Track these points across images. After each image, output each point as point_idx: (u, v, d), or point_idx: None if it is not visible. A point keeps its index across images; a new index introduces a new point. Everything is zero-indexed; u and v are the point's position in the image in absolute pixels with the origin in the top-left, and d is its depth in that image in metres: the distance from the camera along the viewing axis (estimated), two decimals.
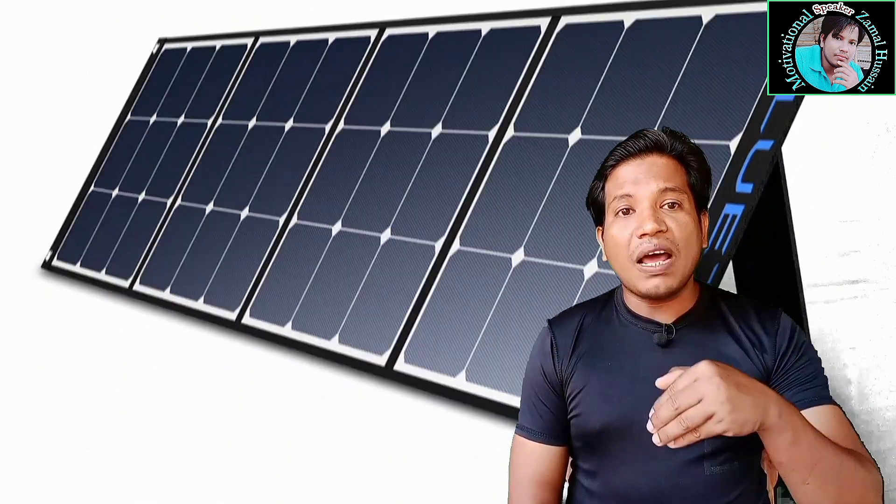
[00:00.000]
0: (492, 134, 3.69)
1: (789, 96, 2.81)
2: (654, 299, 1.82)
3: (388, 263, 3.80)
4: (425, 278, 3.61)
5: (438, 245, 3.64)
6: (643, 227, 1.77)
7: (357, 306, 3.80)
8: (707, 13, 3.23)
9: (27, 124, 7.22)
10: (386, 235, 3.86)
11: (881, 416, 3.53)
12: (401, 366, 3.51)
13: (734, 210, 2.76)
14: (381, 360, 3.58)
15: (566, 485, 2.00)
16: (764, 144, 2.82)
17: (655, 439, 1.47)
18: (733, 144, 2.89)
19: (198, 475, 3.24)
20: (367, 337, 3.69)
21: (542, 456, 1.95)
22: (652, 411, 1.48)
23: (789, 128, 2.80)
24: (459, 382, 3.29)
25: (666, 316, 1.85)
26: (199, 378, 3.91)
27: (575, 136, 3.41)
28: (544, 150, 3.47)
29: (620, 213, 1.83)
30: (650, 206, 1.79)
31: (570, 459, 1.99)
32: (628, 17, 3.48)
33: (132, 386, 3.85)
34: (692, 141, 1.92)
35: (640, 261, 1.78)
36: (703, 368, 1.46)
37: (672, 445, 1.46)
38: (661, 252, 1.76)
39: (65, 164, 6.50)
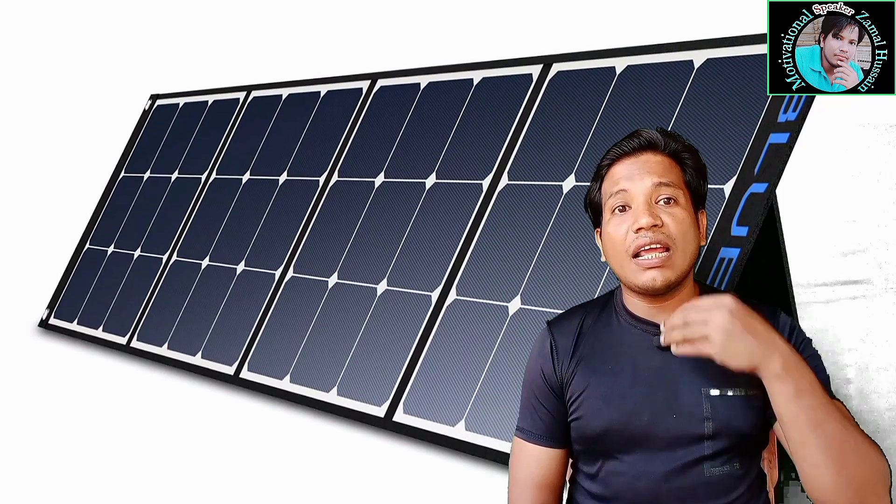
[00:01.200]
0: (486, 183, 3.70)
1: (783, 137, 2.82)
2: (652, 295, 1.81)
3: (385, 314, 3.79)
4: (423, 328, 3.60)
5: (435, 295, 3.64)
6: (638, 221, 1.77)
7: (355, 358, 3.79)
8: (698, 57, 3.25)
9: (21, 183, 7.24)
10: (382, 286, 3.86)
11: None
12: (400, 416, 3.49)
13: (730, 254, 2.76)
14: (380, 411, 3.57)
15: (566, 486, 1.99)
16: (758, 187, 2.82)
17: (660, 339, 1.71)
18: (728, 188, 2.89)
19: None
20: (366, 388, 3.67)
21: (541, 458, 1.94)
22: (663, 324, 1.69)
23: (783, 170, 2.81)
24: (459, 432, 3.27)
25: (666, 317, 1.83)
26: (198, 433, 3.90)
27: (569, 184, 3.41)
28: (539, 197, 3.48)
29: (617, 211, 1.83)
30: (645, 202, 1.79)
31: (570, 461, 1.98)
32: (620, 63, 3.50)
33: (132, 442, 3.83)
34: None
35: (636, 255, 1.78)
36: (725, 300, 1.63)
37: (674, 351, 1.67)
38: (658, 245, 1.76)
39: (60, 221, 6.51)
